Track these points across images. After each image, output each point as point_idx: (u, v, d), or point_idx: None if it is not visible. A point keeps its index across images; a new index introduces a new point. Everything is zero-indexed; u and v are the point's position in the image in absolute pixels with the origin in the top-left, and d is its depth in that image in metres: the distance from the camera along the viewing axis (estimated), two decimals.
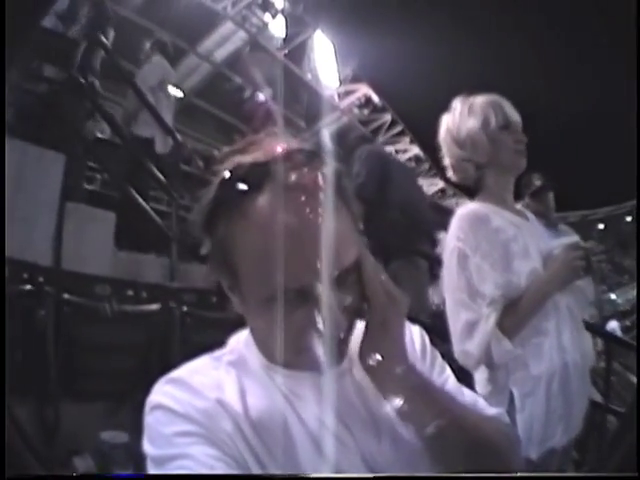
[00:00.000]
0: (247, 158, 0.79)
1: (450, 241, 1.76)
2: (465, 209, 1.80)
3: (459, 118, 1.84)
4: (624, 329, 12.72)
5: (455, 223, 1.77)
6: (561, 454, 1.69)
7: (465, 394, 0.97)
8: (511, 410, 1.63)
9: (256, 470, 0.76)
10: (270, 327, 0.78)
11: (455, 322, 1.70)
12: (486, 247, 1.71)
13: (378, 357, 0.81)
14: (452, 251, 1.73)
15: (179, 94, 11.31)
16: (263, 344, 0.85)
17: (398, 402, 0.81)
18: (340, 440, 0.81)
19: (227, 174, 0.79)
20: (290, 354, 0.79)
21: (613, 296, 18.97)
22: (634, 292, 18.24)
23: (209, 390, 0.81)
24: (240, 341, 0.90)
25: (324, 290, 0.74)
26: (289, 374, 0.83)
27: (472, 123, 1.81)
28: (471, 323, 1.66)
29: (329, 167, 0.79)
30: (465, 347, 1.66)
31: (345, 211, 0.80)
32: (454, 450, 0.83)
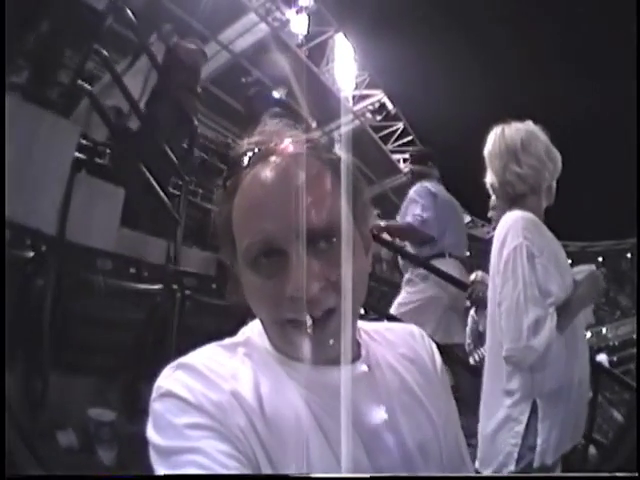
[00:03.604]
0: (252, 140, 0.84)
1: (514, 238, 1.85)
2: (524, 214, 1.93)
3: (548, 138, 2.03)
4: (611, 364, 12.81)
5: (519, 222, 1.89)
6: (563, 459, 1.87)
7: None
8: (533, 419, 1.79)
9: (265, 467, 0.73)
10: (257, 296, 0.79)
11: (521, 317, 1.77)
12: (548, 251, 1.87)
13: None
14: (518, 247, 1.83)
15: None
16: (265, 328, 0.85)
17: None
18: (349, 439, 0.77)
19: (234, 156, 0.84)
20: (276, 328, 0.80)
21: (604, 330, 19.06)
22: (625, 329, 18.35)
23: (224, 381, 0.77)
24: (254, 331, 0.88)
25: (294, 248, 0.75)
26: (301, 367, 0.81)
27: (557, 154, 2.03)
28: (539, 319, 1.76)
29: (326, 148, 0.84)
30: (531, 342, 1.75)
31: (339, 190, 0.81)
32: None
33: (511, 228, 1.88)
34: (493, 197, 2.14)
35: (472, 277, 3.94)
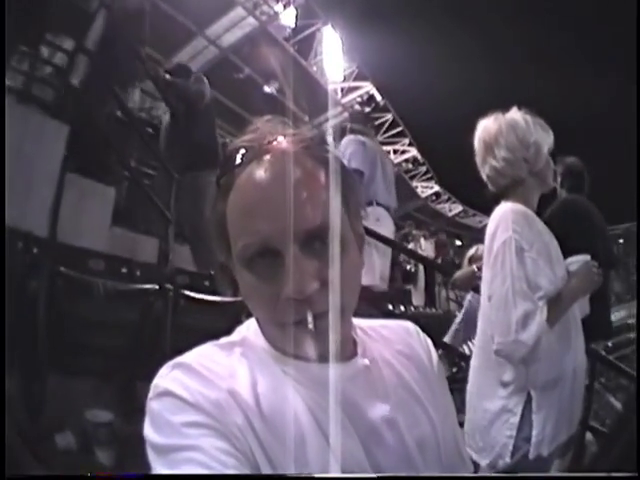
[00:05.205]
0: (244, 138, 0.84)
1: (503, 232, 1.85)
2: (514, 206, 1.93)
3: (531, 125, 1.99)
4: (606, 349, 12.86)
5: (508, 216, 1.89)
6: (562, 449, 1.87)
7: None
8: (527, 411, 1.80)
9: (264, 465, 0.73)
10: (253, 296, 0.79)
11: (510, 312, 1.77)
12: (539, 244, 1.86)
13: None
14: (507, 241, 1.83)
15: None
16: (261, 327, 0.85)
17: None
18: (346, 436, 0.78)
19: (227, 153, 0.84)
20: (273, 328, 0.80)
21: None
22: (619, 314, 18.36)
23: (221, 380, 0.77)
24: (250, 330, 0.88)
25: (289, 249, 0.75)
26: (298, 365, 0.81)
27: (542, 134, 1.99)
28: (528, 314, 1.77)
29: (319, 147, 0.83)
30: (520, 337, 1.75)
31: (333, 186, 0.80)
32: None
33: (501, 222, 1.89)
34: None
35: (471, 252, 3.93)
